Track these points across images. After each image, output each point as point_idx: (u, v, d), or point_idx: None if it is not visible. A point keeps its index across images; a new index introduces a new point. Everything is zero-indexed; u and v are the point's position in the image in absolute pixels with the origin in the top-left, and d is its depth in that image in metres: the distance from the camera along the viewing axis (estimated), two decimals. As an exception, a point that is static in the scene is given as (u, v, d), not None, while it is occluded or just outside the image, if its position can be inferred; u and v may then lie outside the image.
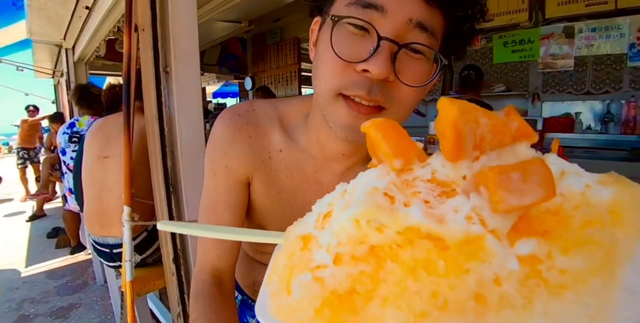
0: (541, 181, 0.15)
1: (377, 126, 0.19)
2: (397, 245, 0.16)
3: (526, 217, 0.16)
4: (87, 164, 1.50)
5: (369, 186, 0.18)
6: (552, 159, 0.19)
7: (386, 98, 0.42)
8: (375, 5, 0.39)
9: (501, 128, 0.18)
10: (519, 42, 2.66)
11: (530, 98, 2.99)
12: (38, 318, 2.23)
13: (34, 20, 2.50)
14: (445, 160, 0.18)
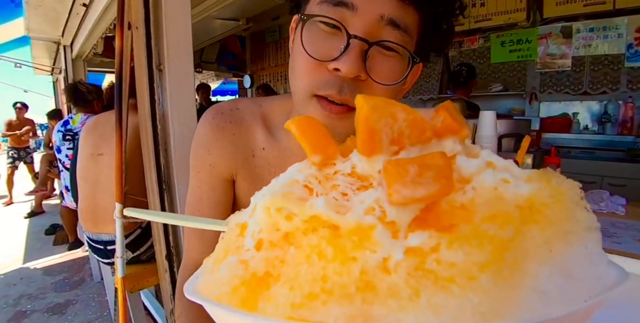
0: (437, 175, 0.15)
1: (297, 124, 0.19)
2: (302, 232, 0.17)
3: (436, 211, 0.16)
4: (81, 161, 1.51)
5: (289, 178, 0.19)
6: (484, 153, 0.19)
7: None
8: (346, 3, 0.39)
9: (420, 123, 0.18)
10: (516, 41, 2.66)
11: (527, 98, 2.98)
12: (35, 315, 2.24)
13: (31, 17, 2.51)
14: (361, 155, 0.19)
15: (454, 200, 0.16)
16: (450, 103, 0.20)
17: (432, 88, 3.54)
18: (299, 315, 0.15)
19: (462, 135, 0.20)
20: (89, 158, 1.49)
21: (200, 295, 0.18)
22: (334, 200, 0.18)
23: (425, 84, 3.59)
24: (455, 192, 0.17)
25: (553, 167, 1.22)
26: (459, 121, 0.19)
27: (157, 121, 1.31)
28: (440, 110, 0.19)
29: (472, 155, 0.20)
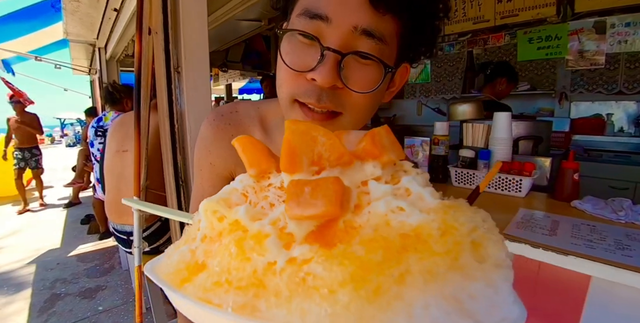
0: (325, 198, 0.17)
1: (239, 141, 0.22)
2: (227, 232, 0.20)
3: (333, 228, 0.18)
4: (107, 157, 1.62)
5: (231, 187, 0.22)
6: (404, 180, 0.20)
7: (337, 105, 0.43)
8: (321, 15, 0.40)
9: (337, 147, 0.20)
10: (545, 38, 2.53)
11: (557, 98, 2.84)
12: (68, 298, 2.43)
13: (69, 22, 2.70)
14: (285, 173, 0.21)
15: (353, 221, 0.18)
16: (380, 129, 0.22)
17: (455, 87, 3.45)
18: (206, 297, 0.18)
19: (384, 161, 0.21)
20: (115, 154, 1.60)
21: (153, 272, 0.22)
22: (257, 208, 0.20)
23: (448, 83, 3.50)
24: (357, 214, 0.19)
25: (570, 172, 1.17)
26: (380, 147, 0.21)
27: (175, 120, 1.38)
28: (365, 136, 0.21)
29: (394, 180, 0.21)
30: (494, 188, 1.26)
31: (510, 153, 1.33)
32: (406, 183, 0.20)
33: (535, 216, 1.04)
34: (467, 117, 1.67)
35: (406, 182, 0.20)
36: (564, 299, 0.89)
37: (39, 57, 3.82)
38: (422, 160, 1.51)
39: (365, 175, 0.21)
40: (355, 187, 0.20)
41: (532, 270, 0.93)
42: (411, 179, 0.20)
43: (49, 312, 2.28)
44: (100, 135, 2.16)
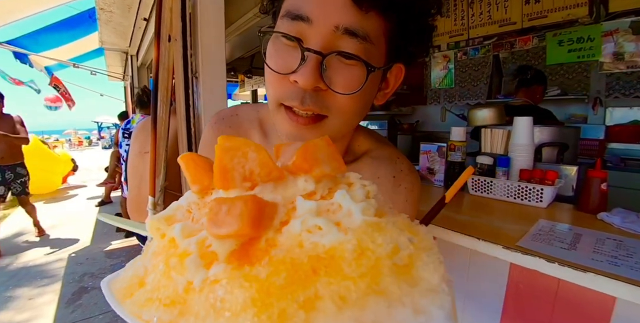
0: (239, 216, 0.16)
1: (183, 159, 0.22)
2: (165, 249, 0.20)
3: (255, 246, 0.18)
4: (130, 158, 1.69)
5: (177, 204, 0.22)
6: (337, 194, 0.19)
7: (321, 107, 0.42)
8: (302, 16, 0.39)
9: (266, 163, 0.19)
10: (576, 40, 2.40)
11: (590, 103, 2.68)
12: (94, 291, 2.55)
13: (103, 31, 2.87)
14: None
15: (275, 239, 0.18)
16: (318, 140, 0.21)
17: (480, 92, 3.35)
18: (138, 313, 0.19)
19: (316, 175, 0.20)
20: (137, 155, 1.67)
21: (107, 286, 0.23)
22: (197, 225, 0.20)
23: (472, 88, 3.40)
24: (280, 232, 0.18)
25: (597, 181, 1.10)
26: (312, 160, 0.20)
27: (192, 124, 1.43)
28: (298, 149, 0.20)
29: (330, 194, 0.20)
30: (513, 197, 1.20)
31: (531, 160, 1.26)
32: (338, 198, 0.19)
33: (555, 228, 0.97)
34: (487, 122, 1.61)
35: (339, 196, 0.19)
36: (586, 321, 0.83)
37: (76, 64, 4.09)
38: (438, 166, 1.47)
39: (298, 189, 0.20)
40: (289, 202, 0.19)
41: (550, 289, 0.88)
42: (344, 193, 0.19)
43: (76, 303, 2.40)
44: (127, 137, 2.27)
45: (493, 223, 1.04)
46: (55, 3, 2.82)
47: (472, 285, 1.04)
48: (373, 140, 0.61)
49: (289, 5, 0.41)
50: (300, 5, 0.40)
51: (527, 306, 0.93)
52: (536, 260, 0.79)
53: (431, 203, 1.25)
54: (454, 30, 2.97)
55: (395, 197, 0.56)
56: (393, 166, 0.57)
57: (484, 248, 0.88)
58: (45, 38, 3.63)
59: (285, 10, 0.41)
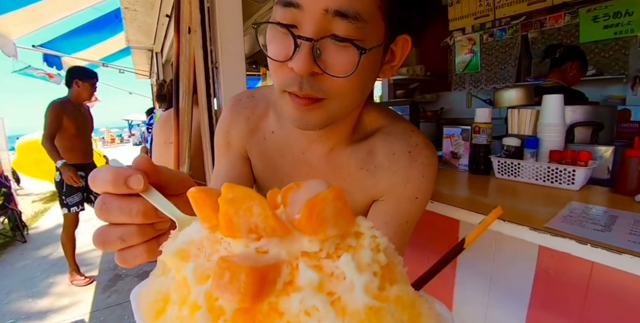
0: (239, 291, 0.17)
1: (190, 195, 0.22)
2: (179, 285, 0.21)
3: (258, 307, 0.18)
4: (155, 148, 1.77)
5: (189, 237, 0.22)
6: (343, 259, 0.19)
7: (318, 91, 0.43)
8: (292, 2, 0.40)
9: (270, 221, 0.19)
10: (613, 15, 2.23)
11: (629, 82, 2.49)
12: (128, 278, 2.70)
13: (129, 30, 2.97)
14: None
15: (277, 304, 0.18)
16: (326, 194, 0.19)
17: (508, 76, 3.19)
18: None
19: (322, 237, 0.19)
20: (162, 146, 1.74)
21: (137, 299, 0.24)
22: (209, 264, 0.21)
23: (500, 71, 3.25)
24: (283, 295, 0.18)
25: (635, 161, 1.03)
26: (318, 223, 0.19)
27: (213, 112, 1.46)
28: (304, 206, 0.19)
29: (337, 252, 0.20)
30: (542, 179, 1.15)
31: (562, 141, 1.20)
32: (343, 265, 0.19)
33: (588, 210, 0.92)
34: (514, 103, 1.54)
35: (343, 263, 0.19)
36: (621, 309, 0.78)
37: (105, 63, 4.27)
38: (462, 150, 1.42)
39: (302, 247, 0.19)
40: (293, 258, 0.19)
41: (583, 274, 0.84)
42: (349, 260, 0.19)
43: (111, 289, 2.55)
44: (151, 131, 2.37)
45: (520, 206, 1.00)
46: (82, 6, 2.94)
47: (498, 270, 1.01)
48: (385, 115, 0.60)
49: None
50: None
51: (557, 292, 0.89)
52: (566, 242, 0.76)
53: (456, 187, 1.22)
54: (479, 11, 2.84)
55: (411, 173, 0.55)
56: (408, 141, 0.56)
57: (509, 230, 0.85)
58: (75, 40, 3.82)
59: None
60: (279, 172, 0.63)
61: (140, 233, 0.26)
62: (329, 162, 0.59)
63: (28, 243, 3.63)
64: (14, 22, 2.93)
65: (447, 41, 3.49)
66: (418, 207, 0.56)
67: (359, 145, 0.58)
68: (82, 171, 2.57)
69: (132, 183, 0.25)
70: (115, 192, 0.25)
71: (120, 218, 0.26)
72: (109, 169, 0.25)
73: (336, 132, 0.56)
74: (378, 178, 0.56)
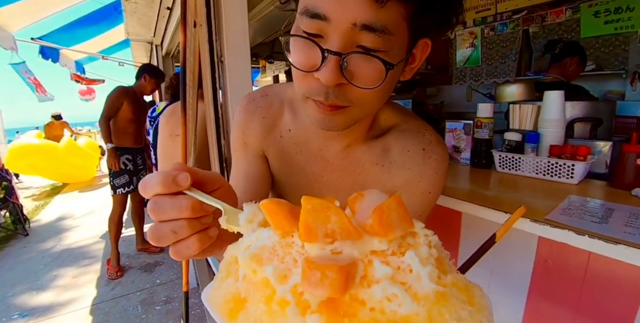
0: (330, 285, 0.20)
1: (263, 206, 0.26)
2: (260, 284, 0.24)
3: (339, 300, 0.21)
4: (161, 141, 1.78)
5: (262, 243, 0.26)
6: (408, 255, 0.23)
7: (344, 100, 0.44)
8: (319, 15, 0.39)
9: (346, 226, 0.23)
10: (614, 10, 2.25)
11: (629, 78, 2.52)
12: (131, 270, 2.74)
13: (129, 22, 2.95)
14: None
15: (357, 294, 0.21)
16: (390, 202, 0.23)
17: (508, 70, 3.20)
18: None
19: (390, 238, 0.23)
20: (168, 138, 1.75)
21: (208, 301, 0.27)
22: (284, 265, 0.24)
23: (500, 66, 3.26)
24: (362, 286, 0.22)
25: (632, 156, 1.06)
26: (387, 226, 0.23)
27: (219, 106, 1.48)
28: (374, 213, 0.23)
29: (400, 249, 0.24)
30: (542, 173, 1.18)
31: (562, 136, 1.22)
32: (409, 260, 0.23)
33: (586, 203, 0.96)
34: (515, 98, 1.56)
35: (409, 258, 0.23)
36: (617, 297, 0.82)
37: (105, 56, 4.24)
38: (464, 144, 1.45)
39: (373, 246, 0.23)
40: (364, 256, 0.23)
41: (580, 264, 0.87)
42: (413, 256, 0.23)
43: (115, 281, 2.59)
44: (153, 123, 2.37)
45: (521, 199, 1.03)
46: (82, -3, 2.92)
47: (499, 260, 1.05)
48: (399, 113, 0.62)
49: (307, 2, 0.41)
50: (316, 3, 0.40)
51: (555, 281, 0.93)
52: (565, 233, 0.79)
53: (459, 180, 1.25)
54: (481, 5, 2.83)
55: (425, 169, 0.57)
56: (421, 138, 0.58)
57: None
58: (74, 32, 3.78)
59: (303, 6, 0.41)
60: (295, 168, 0.64)
61: (190, 226, 0.30)
62: (345, 158, 0.61)
63: (30, 236, 3.65)
64: (13, 15, 2.90)
65: (448, 35, 3.49)
66: (430, 201, 0.59)
67: (375, 142, 0.60)
68: (130, 154, 2.75)
69: (181, 181, 0.29)
70: (165, 192, 0.29)
71: (172, 214, 0.29)
72: (157, 173, 0.29)
73: (353, 130, 0.57)
74: (393, 174, 0.58)
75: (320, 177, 0.63)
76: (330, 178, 0.63)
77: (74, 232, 3.72)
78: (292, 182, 0.66)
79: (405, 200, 0.58)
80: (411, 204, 0.58)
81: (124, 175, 2.70)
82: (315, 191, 0.64)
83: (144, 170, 2.90)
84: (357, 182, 0.61)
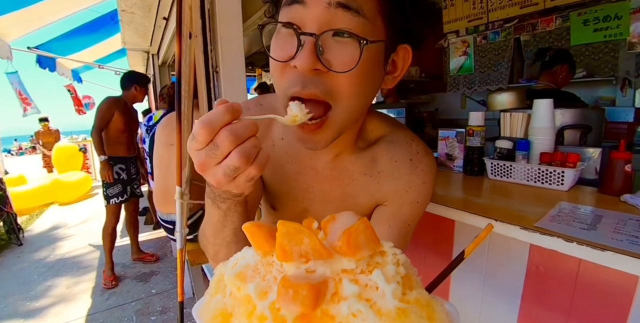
0: (301, 302, 0.22)
1: (246, 229, 0.28)
2: (243, 301, 0.26)
3: (311, 315, 0.23)
4: (156, 150, 1.79)
5: (246, 262, 0.28)
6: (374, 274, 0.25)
7: (322, 90, 0.43)
8: (297, 0, 0.41)
9: (318, 248, 0.25)
10: (602, 19, 2.30)
11: (619, 84, 2.57)
12: (126, 280, 2.71)
13: (125, 32, 2.98)
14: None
15: (328, 309, 0.23)
16: (358, 225, 0.25)
17: (501, 78, 3.25)
18: None
19: (358, 257, 0.25)
20: (163, 147, 1.76)
21: (199, 315, 0.29)
22: (265, 282, 0.26)
23: (493, 73, 3.31)
24: (332, 302, 0.23)
25: (621, 163, 1.08)
26: (355, 247, 0.25)
27: (214, 117, 1.49)
28: (342, 235, 0.25)
29: (369, 267, 0.25)
30: (533, 180, 1.20)
31: (552, 143, 1.24)
32: (375, 278, 0.24)
33: (576, 210, 0.97)
34: (507, 106, 1.59)
35: (375, 276, 0.25)
36: (607, 303, 0.83)
37: (102, 65, 4.26)
38: (457, 152, 1.47)
39: (342, 266, 0.25)
40: (335, 274, 0.25)
41: (571, 270, 0.88)
42: (380, 274, 0.24)
43: (110, 291, 2.56)
44: (150, 132, 2.38)
45: (512, 206, 1.04)
46: (78, 7, 2.94)
47: (492, 268, 1.05)
48: (387, 123, 0.63)
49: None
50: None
51: (547, 288, 0.93)
52: (554, 240, 0.80)
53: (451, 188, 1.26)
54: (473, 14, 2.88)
55: (413, 179, 0.58)
56: (409, 149, 0.59)
57: (502, 229, 0.89)
58: (70, 42, 3.80)
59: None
60: (286, 177, 0.65)
61: (258, 145, 0.34)
62: (335, 168, 0.61)
63: (24, 246, 3.62)
64: (9, 24, 2.92)
65: (441, 43, 3.54)
66: (418, 211, 0.60)
67: (363, 153, 0.61)
68: (123, 164, 2.74)
69: (238, 107, 0.33)
70: (234, 118, 0.32)
71: (246, 133, 0.33)
72: (216, 109, 0.32)
73: (341, 140, 0.57)
74: (381, 184, 0.59)
75: (311, 187, 0.64)
76: (321, 188, 0.63)
77: (68, 242, 3.69)
78: (283, 191, 0.66)
79: (394, 209, 0.59)
80: (400, 214, 0.59)
81: (117, 185, 2.69)
82: (306, 201, 0.65)
83: (137, 179, 2.91)
84: (346, 192, 0.62)
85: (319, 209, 0.64)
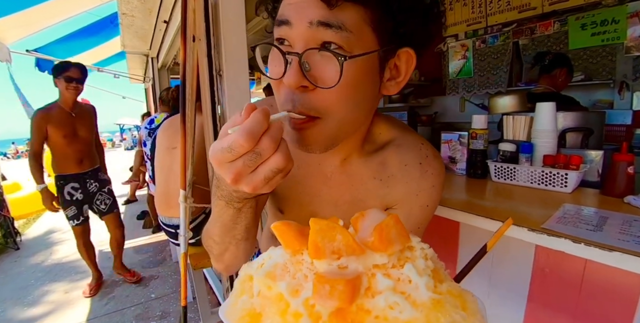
0: (339, 297, 0.22)
1: (275, 228, 0.28)
2: (275, 299, 0.26)
3: (348, 309, 0.23)
4: (158, 154, 1.78)
5: (275, 261, 0.28)
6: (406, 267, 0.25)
7: (309, 108, 0.43)
8: (283, 20, 0.42)
9: (351, 244, 0.25)
10: (600, 23, 2.33)
11: (616, 88, 2.59)
12: (125, 285, 2.68)
13: (125, 35, 2.97)
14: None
15: (363, 304, 0.24)
16: (388, 220, 0.26)
17: (500, 81, 3.28)
18: None
19: (390, 252, 0.26)
20: (165, 151, 1.75)
21: (226, 317, 0.29)
22: (295, 280, 0.26)
23: (492, 77, 3.34)
24: (367, 297, 0.24)
25: (623, 165, 1.09)
26: (387, 242, 0.25)
27: (217, 120, 1.49)
28: (375, 230, 0.26)
29: (400, 262, 0.26)
30: (537, 183, 1.20)
31: (555, 146, 1.25)
32: (407, 272, 0.25)
33: (580, 211, 0.97)
34: (508, 109, 1.60)
35: (407, 270, 0.25)
36: (613, 303, 0.83)
37: (100, 68, 4.26)
38: (460, 155, 1.47)
39: (375, 262, 0.26)
40: (368, 270, 0.25)
41: (577, 271, 0.88)
42: (411, 268, 0.25)
43: (109, 296, 2.53)
44: (152, 135, 2.37)
45: (517, 208, 1.04)
46: (78, 11, 2.94)
47: (497, 269, 1.05)
48: (394, 127, 0.62)
49: (278, 14, 0.44)
50: (282, 11, 0.43)
51: (553, 290, 0.94)
52: (562, 241, 0.80)
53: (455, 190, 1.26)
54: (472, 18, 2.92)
55: (423, 183, 0.58)
56: (418, 152, 0.59)
57: (508, 231, 0.89)
58: (69, 44, 3.79)
59: (276, 19, 0.44)
60: (294, 182, 0.64)
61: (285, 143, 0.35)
62: (343, 173, 0.61)
63: (21, 250, 3.58)
64: (8, 27, 2.91)
65: (440, 47, 3.57)
66: (428, 214, 0.60)
67: (372, 157, 0.60)
68: (76, 182, 2.35)
69: (268, 111, 0.33)
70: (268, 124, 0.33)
71: (280, 134, 0.34)
72: (255, 117, 0.33)
73: (347, 143, 0.58)
74: (391, 188, 0.59)
75: (320, 191, 0.63)
76: (329, 192, 0.63)
77: (65, 246, 3.65)
78: (291, 195, 0.66)
79: (404, 213, 0.59)
80: (410, 217, 0.59)
81: (71, 207, 2.35)
82: (315, 205, 0.64)
83: (101, 192, 2.51)
84: (355, 196, 0.61)
85: (327, 213, 0.64)
